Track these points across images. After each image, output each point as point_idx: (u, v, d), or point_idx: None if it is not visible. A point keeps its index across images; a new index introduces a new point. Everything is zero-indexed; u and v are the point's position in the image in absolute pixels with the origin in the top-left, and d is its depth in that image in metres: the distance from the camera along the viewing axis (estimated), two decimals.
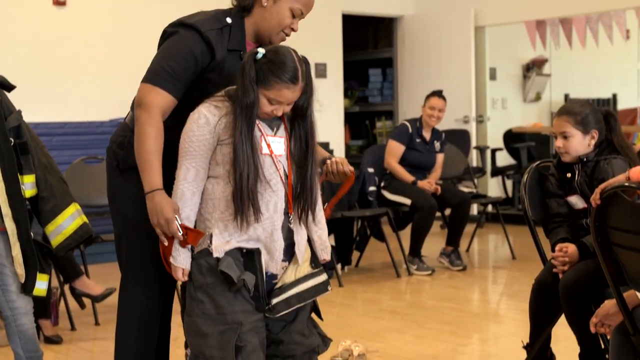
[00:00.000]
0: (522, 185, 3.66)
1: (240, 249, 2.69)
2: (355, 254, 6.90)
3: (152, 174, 2.75)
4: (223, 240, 2.68)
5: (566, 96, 10.24)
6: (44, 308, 4.65)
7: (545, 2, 8.92)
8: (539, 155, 9.45)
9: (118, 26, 7.79)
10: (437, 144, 6.82)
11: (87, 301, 5.04)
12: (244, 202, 2.63)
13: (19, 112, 3.54)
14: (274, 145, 2.71)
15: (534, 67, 10.18)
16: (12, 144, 3.43)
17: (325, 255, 2.89)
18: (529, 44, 9.62)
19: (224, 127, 2.67)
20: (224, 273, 2.64)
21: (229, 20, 2.92)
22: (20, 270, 3.43)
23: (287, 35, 2.97)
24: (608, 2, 8.59)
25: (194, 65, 2.84)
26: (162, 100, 2.80)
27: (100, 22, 7.71)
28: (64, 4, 7.54)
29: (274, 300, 2.72)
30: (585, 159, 3.53)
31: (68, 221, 3.60)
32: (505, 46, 9.94)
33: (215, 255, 2.67)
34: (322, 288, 2.84)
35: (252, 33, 2.95)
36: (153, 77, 2.84)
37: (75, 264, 4.89)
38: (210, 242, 2.69)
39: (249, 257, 2.70)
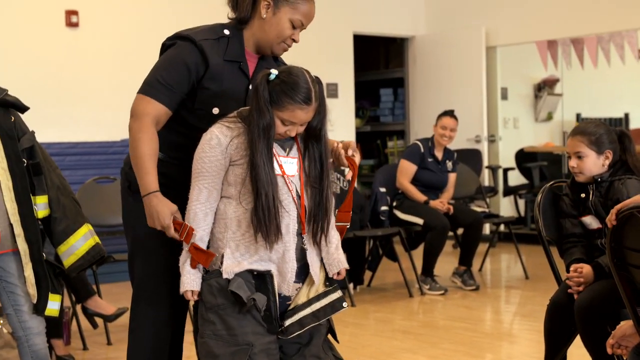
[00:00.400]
0: (536, 206, 3.65)
1: (251, 271, 2.68)
2: (368, 274, 6.88)
3: (147, 177, 2.77)
4: (234, 261, 2.67)
5: (578, 116, 10.22)
6: (56, 328, 4.65)
7: (556, 22, 8.93)
8: (551, 175, 9.43)
9: (130, 47, 7.82)
10: (449, 164, 6.82)
11: (99, 321, 5.04)
12: (269, 222, 2.63)
13: (32, 133, 3.55)
14: (286, 166, 2.71)
15: (545, 87, 10.18)
16: (25, 164, 3.45)
17: (334, 269, 2.83)
18: (540, 64, 9.62)
19: (236, 148, 2.67)
20: (234, 293, 2.63)
21: (226, 32, 2.94)
22: (32, 290, 3.43)
23: (289, 46, 2.97)
24: (620, 22, 8.59)
25: (187, 74, 2.85)
26: (153, 109, 2.83)
27: (112, 43, 7.74)
28: (76, 25, 7.58)
29: (287, 322, 2.71)
30: (599, 179, 3.52)
31: (80, 242, 3.60)
32: (517, 66, 9.94)
33: (225, 276, 2.67)
34: (337, 305, 2.81)
35: (253, 44, 2.96)
36: (146, 87, 2.88)
37: (87, 284, 4.89)
38: (222, 262, 2.69)
39: (261, 280, 2.69)
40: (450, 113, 6.80)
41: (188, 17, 8.13)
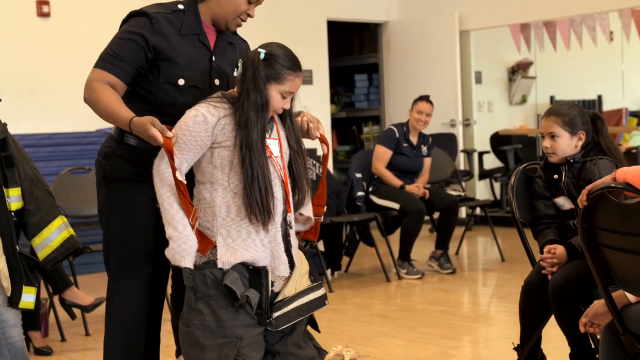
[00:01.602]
0: (510, 188, 3.67)
1: (246, 265, 2.69)
2: (345, 259, 6.90)
3: (119, 113, 2.75)
4: (228, 249, 2.66)
5: (552, 98, 10.28)
6: (33, 320, 4.64)
7: (529, 6, 8.97)
8: (525, 158, 9.48)
9: (102, 36, 7.72)
10: (424, 148, 6.84)
11: (77, 312, 5.03)
12: (264, 202, 2.64)
13: (4, 125, 3.52)
14: (271, 147, 2.73)
15: (519, 70, 10.22)
16: None
17: (307, 212, 2.88)
18: (513, 47, 9.66)
19: (223, 129, 2.67)
20: (228, 288, 2.63)
21: (180, 6, 2.96)
22: (6, 283, 3.40)
23: (244, 20, 3.01)
24: (591, 5, 8.64)
25: (140, 47, 2.87)
26: (106, 78, 2.84)
27: (84, 32, 7.70)
28: (48, 15, 7.53)
29: (276, 314, 2.72)
30: (572, 160, 3.55)
31: (55, 234, 3.58)
32: (490, 50, 9.98)
33: (220, 266, 2.66)
34: (319, 302, 2.85)
35: (209, 18, 2.98)
36: (100, 62, 2.92)
37: (64, 275, 4.88)
38: (215, 251, 2.68)
39: (255, 274, 2.69)
40: (426, 98, 6.81)
41: None
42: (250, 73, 2.67)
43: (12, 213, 3.48)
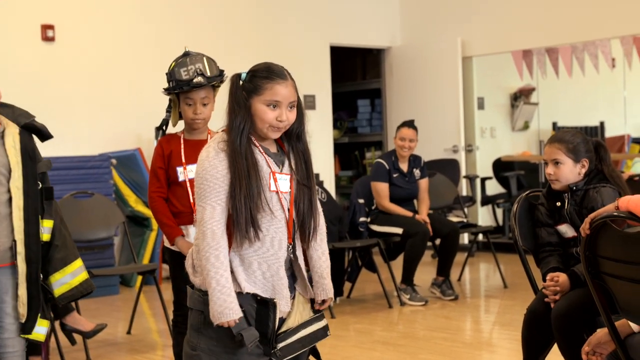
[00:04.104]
0: (512, 215, 3.68)
1: (255, 296, 2.68)
2: (347, 285, 6.88)
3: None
4: (236, 276, 2.67)
5: (554, 124, 10.30)
6: (34, 345, 4.61)
7: (531, 33, 9.01)
8: (528, 184, 9.49)
9: (107, 61, 7.82)
10: (416, 172, 6.79)
11: (77, 337, 5.01)
12: (245, 215, 2.62)
13: (49, 161, 3.72)
14: (280, 182, 2.72)
15: (521, 96, 10.25)
16: (39, 187, 3.56)
17: (321, 295, 2.84)
18: (516, 74, 9.69)
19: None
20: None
21: None
22: (23, 310, 3.46)
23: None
24: (593, 32, 8.67)
25: None
26: None
27: (89, 57, 7.74)
28: (52, 39, 7.57)
29: (280, 345, 2.71)
30: (575, 188, 3.55)
31: (76, 272, 3.76)
32: (493, 76, 10.01)
33: None
34: (322, 333, 2.84)
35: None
36: None
37: None
38: None
39: (264, 305, 2.69)
40: (408, 123, 6.77)
41: (164, 31, 8.15)
42: (230, 96, 2.70)
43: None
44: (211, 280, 2.62)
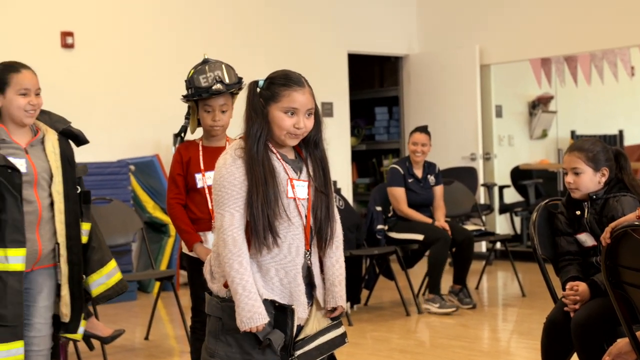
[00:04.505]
0: (532, 224, 3.66)
1: (273, 302, 2.68)
2: (365, 293, 6.87)
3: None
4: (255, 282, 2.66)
5: (572, 133, 10.26)
6: (53, 349, 4.63)
7: (550, 41, 8.97)
8: (546, 192, 9.45)
9: (126, 68, 7.85)
10: (431, 178, 6.79)
11: (96, 343, 5.02)
12: (262, 222, 2.63)
13: (85, 166, 3.86)
14: (298, 188, 2.72)
15: (539, 105, 10.21)
16: (78, 191, 3.66)
17: (331, 303, 2.82)
18: (534, 82, 9.66)
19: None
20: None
21: None
22: (66, 310, 3.59)
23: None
24: (612, 40, 8.63)
25: None
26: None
27: (108, 64, 7.77)
28: (72, 46, 7.60)
29: (298, 352, 2.71)
30: (594, 197, 3.54)
31: (111, 273, 3.85)
32: (511, 84, 9.97)
33: None
34: (340, 340, 2.85)
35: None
36: None
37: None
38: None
39: (282, 311, 2.69)
40: (420, 129, 6.79)
41: (183, 38, 8.18)
42: (247, 103, 2.71)
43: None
44: (237, 286, 2.62)
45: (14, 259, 3.42)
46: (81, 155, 7.32)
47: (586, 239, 3.56)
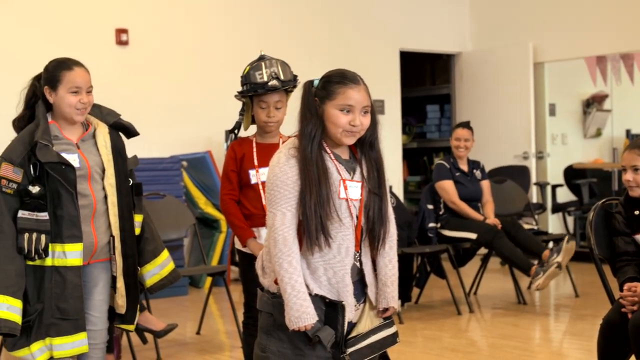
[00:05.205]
0: (588, 224, 3.61)
1: (323, 298, 2.69)
2: (415, 291, 6.85)
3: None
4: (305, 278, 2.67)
5: (627, 132, 10.10)
6: (108, 343, 4.69)
7: (605, 38, 8.85)
8: (600, 192, 9.31)
9: (179, 65, 7.92)
10: (477, 173, 6.78)
11: (149, 336, 5.08)
12: (316, 222, 2.63)
13: (136, 157, 3.85)
14: (350, 189, 2.72)
15: (594, 103, 10.07)
16: (130, 184, 3.70)
17: (383, 303, 2.81)
18: (589, 80, 9.53)
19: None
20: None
21: None
22: (122, 301, 3.64)
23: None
24: None
25: None
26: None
27: (161, 61, 7.85)
28: (126, 43, 7.69)
29: (349, 350, 2.71)
30: None
31: (164, 264, 3.90)
32: (565, 82, 9.86)
33: None
34: (392, 340, 2.85)
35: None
36: None
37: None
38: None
39: (332, 308, 2.69)
40: (463, 124, 6.83)
41: (238, 36, 8.23)
42: (302, 102, 2.71)
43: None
44: (286, 285, 2.63)
45: (72, 254, 3.47)
46: (134, 151, 7.42)
47: None
